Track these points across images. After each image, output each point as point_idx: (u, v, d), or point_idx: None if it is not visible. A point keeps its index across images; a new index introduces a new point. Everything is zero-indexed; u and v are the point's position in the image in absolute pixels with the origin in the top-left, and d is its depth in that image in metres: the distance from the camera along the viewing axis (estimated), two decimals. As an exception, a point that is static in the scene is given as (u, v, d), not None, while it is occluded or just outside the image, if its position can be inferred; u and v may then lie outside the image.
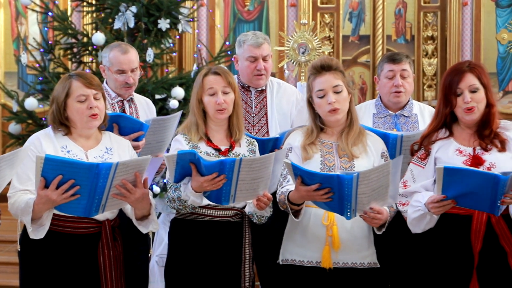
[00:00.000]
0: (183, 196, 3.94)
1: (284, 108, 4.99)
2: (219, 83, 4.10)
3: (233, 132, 4.15)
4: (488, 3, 8.58)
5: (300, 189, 3.73)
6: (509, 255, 3.82)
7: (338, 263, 3.96)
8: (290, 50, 6.26)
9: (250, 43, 4.94)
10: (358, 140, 4.04)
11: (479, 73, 3.90)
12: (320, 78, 4.02)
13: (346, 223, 3.94)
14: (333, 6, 8.73)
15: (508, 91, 8.57)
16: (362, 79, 8.76)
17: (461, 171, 3.64)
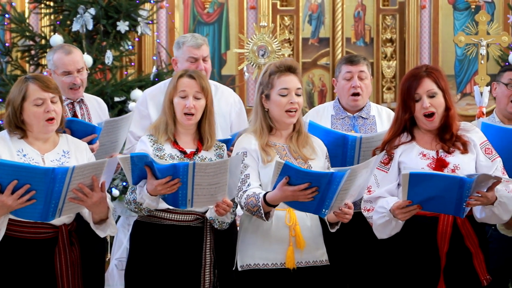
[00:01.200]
0: (138, 199, 3.91)
1: (223, 110, 4.98)
2: (192, 87, 4.08)
3: (205, 138, 4.11)
4: (445, 6, 8.67)
5: (285, 189, 3.66)
6: (474, 256, 3.86)
7: (301, 262, 3.96)
8: (249, 52, 6.26)
9: (190, 44, 4.92)
10: (306, 143, 4.05)
11: (437, 77, 3.91)
12: (286, 77, 4.01)
13: (306, 222, 3.95)
14: (292, 8, 8.75)
15: (466, 93, 8.65)
16: (322, 82, 8.79)
17: (427, 176, 3.65)
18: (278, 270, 3.94)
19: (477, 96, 6.62)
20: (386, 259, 3.99)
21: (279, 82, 4.01)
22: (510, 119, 4.96)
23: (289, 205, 3.78)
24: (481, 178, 3.63)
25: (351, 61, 4.84)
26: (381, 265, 4.05)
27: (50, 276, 3.83)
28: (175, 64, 5.02)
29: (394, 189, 3.92)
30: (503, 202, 3.76)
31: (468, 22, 8.38)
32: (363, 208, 3.96)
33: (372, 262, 4.50)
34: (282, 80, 4.01)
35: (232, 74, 8.42)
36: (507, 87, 4.94)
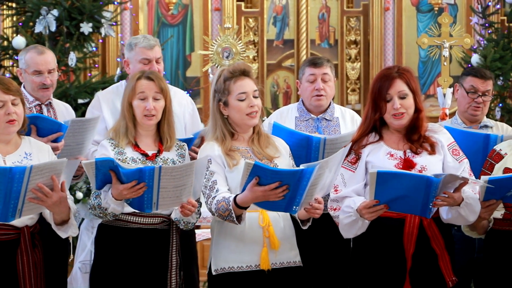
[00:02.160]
0: (103, 203, 3.88)
1: (176, 111, 4.95)
2: (151, 88, 4.05)
3: (164, 139, 4.10)
4: (409, 8, 8.73)
5: (256, 189, 3.63)
6: (440, 258, 3.87)
7: (275, 263, 3.94)
8: (214, 54, 6.25)
9: (143, 45, 4.90)
10: (268, 143, 4.05)
11: (408, 78, 3.92)
12: (242, 82, 4.00)
13: (279, 223, 3.94)
14: (257, 10, 8.76)
15: (430, 95, 8.73)
16: (286, 83, 8.81)
17: (394, 174, 3.66)
18: (253, 272, 3.92)
19: (440, 97, 6.68)
20: (353, 262, 3.99)
21: (235, 87, 3.99)
22: (471, 121, 4.99)
23: (259, 206, 3.76)
24: (448, 178, 3.64)
25: (315, 64, 4.85)
26: (348, 267, 4.06)
27: (12, 278, 3.79)
28: (127, 65, 4.98)
29: (361, 189, 3.93)
30: (469, 203, 3.78)
31: (431, 24, 8.43)
32: (329, 208, 3.95)
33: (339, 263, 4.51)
34: (238, 85, 4.00)
35: (197, 75, 8.41)
36: (468, 94, 4.97)
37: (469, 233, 4.07)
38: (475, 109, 4.94)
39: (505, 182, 3.69)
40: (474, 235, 4.08)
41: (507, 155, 4.00)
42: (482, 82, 4.97)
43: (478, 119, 4.99)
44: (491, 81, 5.02)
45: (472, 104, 4.93)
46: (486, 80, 4.99)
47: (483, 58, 7.00)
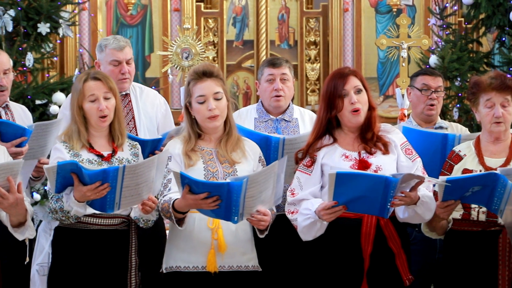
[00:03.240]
0: (65, 206, 3.85)
1: (149, 111, 4.97)
2: (100, 89, 4.02)
3: (115, 137, 4.08)
4: (368, 9, 8.78)
5: (188, 197, 3.71)
6: (397, 257, 3.90)
7: (223, 266, 3.95)
8: (173, 55, 6.24)
9: (113, 46, 4.88)
10: (236, 146, 4.05)
11: (361, 77, 3.99)
12: (201, 84, 4.01)
13: (231, 226, 3.93)
14: (216, 11, 8.74)
15: (388, 96, 8.78)
16: (246, 84, 8.81)
17: (353, 175, 3.68)
18: (200, 273, 3.93)
19: (399, 98, 6.72)
20: (311, 262, 4.00)
21: (195, 90, 4.01)
22: (426, 122, 5.03)
23: (201, 212, 3.79)
24: (405, 177, 3.67)
25: (273, 64, 4.86)
26: (307, 267, 4.07)
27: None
28: (98, 67, 4.98)
29: (317, 191, 3.94)
30: (425, 201, 3.81)
31: (389, 25, 8.50)
32: (287, 211, 3.97)
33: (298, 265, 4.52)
34: (197, 87, 4.01)
35: (156, 76, 8.37)
36: (421, 92, 5.01)
37: (428, 234, 4.10)
38: (430, 108, 4.98)
39: (463, 183, 3.72)
40: (433, 236, 4.11)
41: (466, 156, 4.03)
42: (432, 78, 5.04)
43: (433, 119, 5.04)
44: (441, 78, 5.09)
45: (427, 103, 4.98)
46: (436, 77, 5.06)
47: (441, 59, 7.06)
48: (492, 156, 4.00)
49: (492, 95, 3.96)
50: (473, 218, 3.96)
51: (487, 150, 4.02)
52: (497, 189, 3.70)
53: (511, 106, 3.97)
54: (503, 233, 3.90)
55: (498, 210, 3.77)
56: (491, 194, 3.73)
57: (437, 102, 5.00)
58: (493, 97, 3.95)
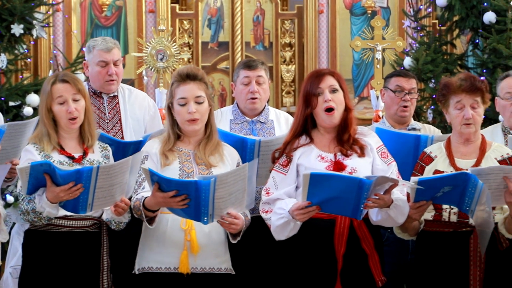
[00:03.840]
0: (38, 208, 3.83)
1: (137, 113, 4.97)
2: (69, 91, 4.01)
3: (85, 138, 4.07)
4: (343, 11, 8.80)
5: (157, 195, 3.71)
6: (370, 258, 3.92)
7: (196, 268, 3.95)
8: (148, 56, 6.22)
9: (100, 48, 4.88)
10: (215, 151, 4.05)
11: (338, 77, 4.01)
12: (184, 86, 4.01)
13: (204, 228, 3.93)
14: (191, 12, 8.73)
15: (363, 97, 8.80)
16: (221, 86, 8.80)
17: (327, 176, 3.69)
18: (172, 274, 3.93)
19: (374, 100, 6.74)
20: (285, 262, 4.00)
21: (177, 91, 4.02)
22: (400, 123, 5.06)
23: (172, 211, 3.79)
24: (379, 180, 3.69)
25: (249, 66, 4.86)
26: (280, 268, 4.07)
27: None
28: (86, 68, 4.98)
29: (292, 191, 3.95)
30: (398, 205, 3.83)
31: (364, 27, 8.54)
32: (261, 210, 3.98)
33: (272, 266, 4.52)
34: (180, 89, 4.02)
35: (131, 78, 8.34)
36: (395, 94, 5.03)
37: (401, 235, 4.12)
38: (403, 109, 5.00)
39: (434, 183, 3.75)
40: (405, 237, 4.13)
41: (437, 157, 4.06)
42: (406, 80, 5.06)
43: (406, 121, 5.06)
44: (415, 80, 5.11)
45: (401, 104, 5.00)
46: (410, 79, 5.08)
47: (415, 61, 7.08)
48: (462, 157, 4.03)
49: (462, 96, 3.99)
50: (444, 219, 3.98)
51: (458, 151, 4.05)
52: (468, 189, 3.73)
53: (480, 108, 4.01)
54: (474, 233, 3.94)
55: (469, 210, 3.80)
56: (462, 194, 3.76)
57: (410, 103, 5.02)
58: (463, 99, 3.99)
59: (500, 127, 4.84)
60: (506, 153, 4.05)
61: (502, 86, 4.81)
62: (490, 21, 6.80)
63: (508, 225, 3.92)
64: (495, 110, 5.22)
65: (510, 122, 4.77)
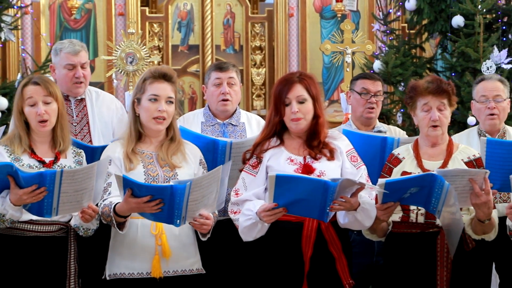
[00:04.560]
0: (0, 210, 3.80)
1: (105, 116, 4.93)
2: (39, 93, 3.99)
3: (57, 142, 4.04)
4: (313, 15, 8.83)
5: (130, 201, 3.69)
6: (337, 261, 3.92)
7: (168, 271, 3.94)
8: (117, 59, 6.20)
9: (67, 50, 4.84)
10: (177, 150, 4.04)
11: (309, 84, 3.98)
12: (158, 84, 4.00)
13: (174, 231, 3.93)
14: (161, 15, 8.71)
15: (333, 100, 8.83)
16: (192, 89, 8.79)
17: (293, 178, 3.70)
18: (144, 279, 3.91)
19: (343, 103, 6.78)
20: (253, 264, 4.01)
21: (150, 88, 4.00)
22: (366, 125, 5.08)
23: (142, 215, 3.78)
24: (345, 183, 3.70)
25: (220, 68, 4.87)
26: (248, 269, 4.07)
27: None
28: (53, 70, 4.94)
29: (261, 192, 3.95)
30: (365, 208, 3.85)
31: (334, 31, 8.57)
32: (230, 211, 3.98)
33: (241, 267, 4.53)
34: (154, 86, 4.00)
35: (101, 81, 8.29)
36: (361, 96, 5.06)
37: (369, 236, 4.14)
38: (369, 111, 5.04)
39: (402, 184, 3.77)
40: (374, 238, 4.15)
41: (405, 159, 4.09)
42: (372, 82, 5.09)
43: (372, 123, 5.09)
44: (380, 82, 5.15)
45: (366, 106, 5.03)
46: (376, 81, 5.12)
47: (385, 64, 7.12)
48: (430, 159, 4.06)
49: (428, 99, 4.02)
50: (412, 220, 4.01)
51: (425, 153, 4.08)
52: (434, 189, 3.76)
53: (447, 110, 4.05)
54: (441, 234, 3.97)
55: (436, 211, 3.83)
56: (429, 195, 3.78)
57: (376, 105, 5.06)
58: (430, 101, 4.02)
59: (476, 131, 4.88)
60: (473, 154, 4.09)
61: (478, 90, 4.85)
62: (459, 25, 6.86)
63: (474, 226, 3.96)
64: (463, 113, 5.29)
65: (486, 126, 4.81)
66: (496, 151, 4.17)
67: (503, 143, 4.38)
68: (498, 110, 4.76)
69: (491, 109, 4.75)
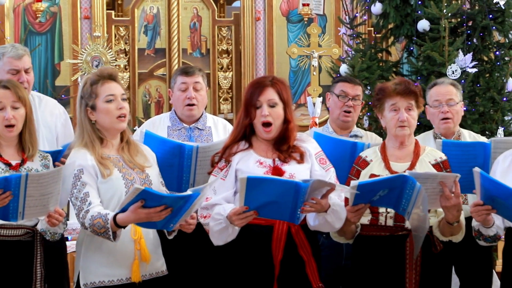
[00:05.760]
0: None
1: (48, 121, 4.87)
2: (8, 97, 3.95)
3: (26, 148, 4.00)
4: (279, 18, 8.85)
5: (140, 212, 3.59)
6: (307, 264, 3.93)
7: (145, 275, 3.92)
8: (83, 63, 6.17)
9: (11, 55, 4.77)
10: (136, 151, 4.02)
11: (280, 88, 3.99)
12: (110, 84, 3.96)
13: (149, 235, 3.92)
14: (128, 19, 8.68)
15: (300, 104, 8.85)
16: (158, 93, 8.76)
17: (264, 180, 3.70)
18: (124, 285, 3.88)
19: (310, 107, 6.79)
20: (223, 267, 4.01)
21: (103, 89, 3.95)
22: (342, 128, 5.10)
23: (137, 224, 3.74)
24: (315, 184, 3.71)
25: (186, 72, 4.86)
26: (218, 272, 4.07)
27: None
28: None
29: (230, 196, 3.95)
30: (335, 210, 3.86)
31: (301, 34, 8.59)
32: (200, 215, 3.97)
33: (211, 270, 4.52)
34: (106, 87, 3.95)
35: (66, 85, 8.24)
36: (339, 98, 5.09)
37: (337, 239, 4.16)
38: (346, 114, 5.06)
39: (373, 186, 3.79)
40: (342, 241, 4.16)
41: (373, 161, 4.11)
42: (351, 86, 5.12)
43: (349, 127, 5.11)
44: (360, 87, 5.17)
45: (343, 109, 5.05)
46: (355, 85, 5.14)
47: (351, 68, 7.13)
48: (397, 161, 4.09)
49: (397, 99, 4.06)
50: (381, 223, 4.03)
51: (393, 155, 4.11)
52: (405, 191, 3.78)
53: (415, 111, 4.09)
54: (410, 237, 3.98)
55: (405, 212, 3.85)
56: (399, 196, 3.80)
57: (353, 109, 5.08)
58: (398, 102, 4.06)
59: (432, 134, 4.93)
60: (439, 157, 4.13)
61: (431, 94, 4.90)
62: (424, 29, 6.89)
63: (443, 228, 3.99)
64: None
65: (440, 129, 4.86)
66: (452, 153, 4.22)
67: (459, 144, 4.45)
68: (452, 113, 4.81)
69: (444, 113, 4.80)
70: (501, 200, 3.70)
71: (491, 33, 6.98)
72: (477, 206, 3.76)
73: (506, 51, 6.96)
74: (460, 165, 4.14)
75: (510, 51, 6.94)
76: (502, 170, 4.03)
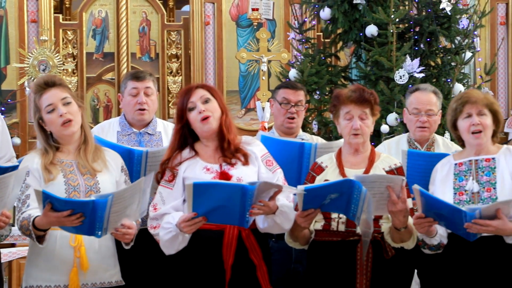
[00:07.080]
0: None
1: None
2: None
3: None
4: (229, 23, 8.85)
5: (50, 215, 3.61)
6: (258, 268, 3.94)
7: (86, 284, 3.89)
8: (30, 67, 6.10)
9: None
10: (97, 156, 3.99)
11: (209, 88, 4.05)
12: (46, 94, 3.94)
13: (94, 244, 3.88)
14: (76, 22, 8.60)
15: (250, 109, 8.86)
16: (107, 97, 8.70)
17: (210, 185, 3.70)
18: None
19: (259, 111, 6.81)
20: (174, 273, 3.99)
21: (42, 101, 3.94)
22: (287, 134, 5.10)
23: (63, 228, 3.72)
24: (262, 186, 3.71)
25: (137, 77, 4.83)
26: (170, 279, 4.05)
27: None
28: None
29: (179, 205, 3.94)
30: (284, 211, 3.87)
31: (250, 39, 8.61)
32: (149, 226, 3.95)
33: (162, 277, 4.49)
34: (44, 98, 3.94)
35: (13, 89, 8.14)
36: (281, 105, 5.08)
37: (292, 244, 4.16)
38: (289, 121, 5.06)
39: (321, 191, 3.80)
40: (297, 246, 4.17)
41: (328, 167, 4.12)
42: (293, 92, 5.11)
43: (294, 132, 5.12)
44: (303, 92, 5.16)
45: (286, 116, 5.05)
46: (297, 91, 5.13)
47: (300, 73, 7.16)
48: (352, 167, 4.10)
49: (351, 107, 4.07)
50: (333, 228, 4.04)
51: (348, 161, 4.13)
52: (353, 196, 3.79)
53: (369, 119, 4.09)
54: (361, 242, 4.00)
55: (355, 217, 3.87)
56: (348, 201, 3.81)
57: (297, 115, 5.08)
58: (352, 110, 4.06)
59: (406, 138, 4.93)
60: (394, 163, 4.14)
61: (411, 100, 4.88)
62: (372, 34, 6.95)
63: (392, 234, 4.01)
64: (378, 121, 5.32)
65: (416, 135, 4.87)
66: (417, 163, 4.24)
67: (423, 155, 4.47)
68: (430, 123, 4.81)
69: (422, 123, 4.81)
70: (441, 213, 3.76)
71: (438, 38, 7.07)
72: (419, 218, 3.81)
73: (453, 57, 7.05)
74: (424, 174, 4.16)
75: (456, 57, 7.03)
76: (441, 178, 4.08)
